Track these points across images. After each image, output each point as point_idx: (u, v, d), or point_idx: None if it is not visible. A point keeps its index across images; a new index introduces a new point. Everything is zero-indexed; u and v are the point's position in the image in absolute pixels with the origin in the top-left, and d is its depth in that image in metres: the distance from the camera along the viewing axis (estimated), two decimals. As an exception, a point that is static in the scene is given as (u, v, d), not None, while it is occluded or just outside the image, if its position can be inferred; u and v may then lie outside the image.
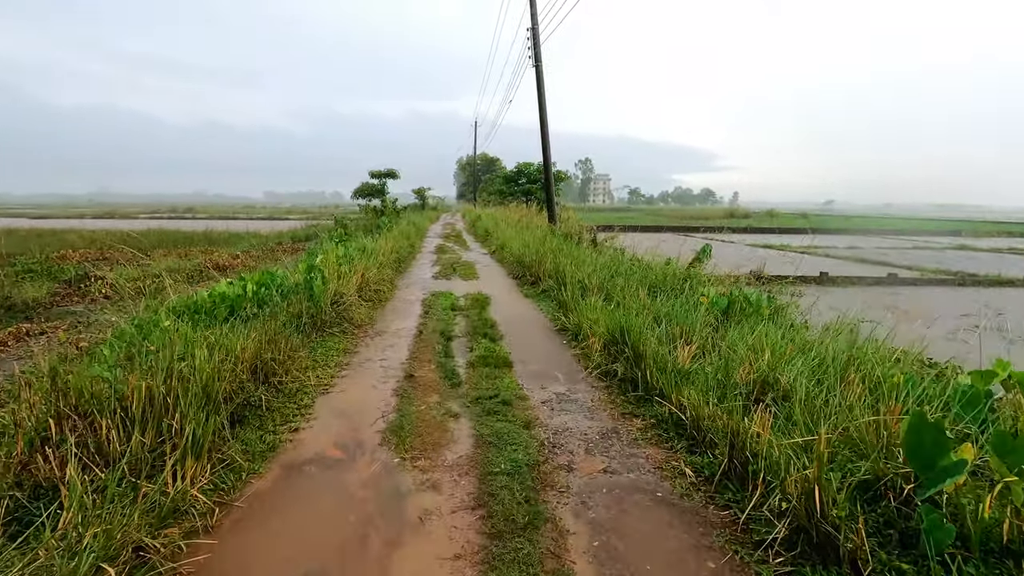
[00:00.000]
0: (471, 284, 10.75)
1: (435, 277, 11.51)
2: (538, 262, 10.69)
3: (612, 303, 7.90)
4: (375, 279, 8.99)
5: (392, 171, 29.01)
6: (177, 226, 34.59)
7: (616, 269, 9.98)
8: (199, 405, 3.37)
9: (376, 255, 10.34)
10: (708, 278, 10.11)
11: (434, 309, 8.20)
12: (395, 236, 15.30)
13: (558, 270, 9.60)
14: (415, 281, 11.00)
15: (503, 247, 14.81)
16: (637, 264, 11.16)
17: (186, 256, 21.09)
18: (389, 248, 11.80)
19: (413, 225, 20.02)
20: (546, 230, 15.64)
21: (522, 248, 12.73)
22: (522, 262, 11.63)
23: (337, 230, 16.47)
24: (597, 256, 11.21)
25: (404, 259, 13.53)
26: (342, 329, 6.66)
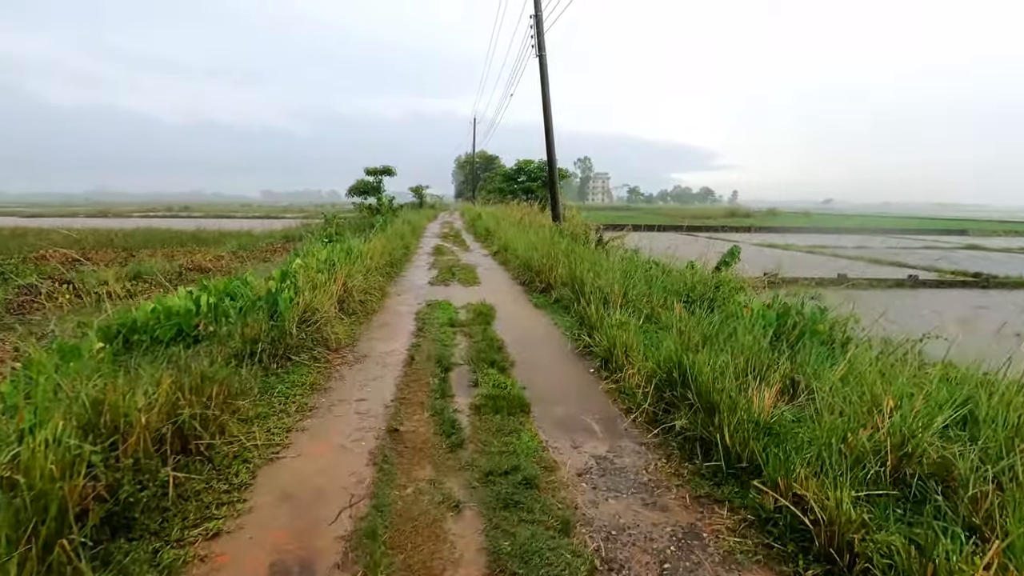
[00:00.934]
0: (472, 291, 9.35)
1: (432, 283, 10.09)
2: (548, 266, 9.28)
3: (640, 316, 6.52)
4: (361, 288, 7.56)
5: (388, 168, 27.51)
6: (169, 225, 33.17)
7: (634, 274, 8.62)
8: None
9: (364, 258, 8.91)
10: (741, 283, 8.75)
11: (429, 325, 6.78)
12: (389, 236, 13.88)
13: (573, 276, 8.20)
14: (409, 288, 9.58)
15: (506, 248, 13.40)
16: (656, 268, 9.81)
17: (172, 257, 19.82)
18: (380, 250, 10.36)
19: (409, 224, 18.56)
20: (552, 230, 14.23)
21: (528, 249, 11.34)
22: (529, 266, 10.22)
23: (326, 229, 15.04)
24: (609, 259, 9.84)
25: (398, 262, 12.11)
26: (313, 355, 5.22)
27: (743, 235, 35.41)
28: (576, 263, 8.75)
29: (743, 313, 6.42)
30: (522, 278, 10.25)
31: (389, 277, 10.25)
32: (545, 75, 17.93)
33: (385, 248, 11.25)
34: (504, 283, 10.35)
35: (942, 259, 22.61)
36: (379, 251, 10.32)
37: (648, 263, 10.23)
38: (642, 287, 7.74)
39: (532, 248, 11.42)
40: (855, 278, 15.43)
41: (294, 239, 20.59)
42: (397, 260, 12.06)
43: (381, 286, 8.90)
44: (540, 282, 9.30)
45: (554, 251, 9.93)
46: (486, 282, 10.33)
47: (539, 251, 10.54)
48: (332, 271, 7.22)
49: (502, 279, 10.78)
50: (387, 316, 7.34)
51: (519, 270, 10.83)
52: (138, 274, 15.11)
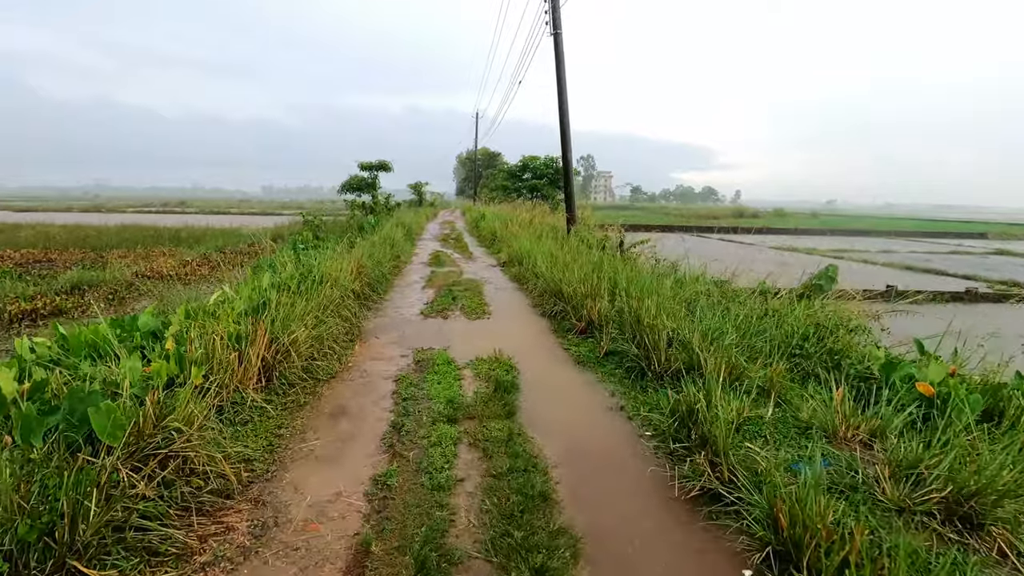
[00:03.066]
0: (481, 329, 6.44)
1: (425, 313, 7.15)
2: (589, 295, 6.36)
3: (752, 391, 3.73)
4: (307, 341, 4.64)
5: (384, 163, 24.52)
6: (156, 221, 30.31)
7: (697, 301, 5.81)
8: None
9: (327, 286, 5.98)
10: (857, 321, 5.93)
11: (413, 422, 3.80)
12: (376, 243, 10.98)
13: (634, 316, 5.32)
14: (392, 323, 6.67)
15: (520, 260, 10.47)
16: (715, 290, 6.98)
17: (146, 257, 17.22)
18: (358, 266, 7.42)
19: (402, 227, 15.54)
20: (576, 238, 11.36)
21: (551, 266, 8.45)
22: (558, 291, 7.28)
23: (304, 233, 12.12)
24: (657, 278, 6.97)
25: (384, 278, 9.18)
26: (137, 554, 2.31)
27: (756, 237, 32.60)
28: (631, 294, 5.86)
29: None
30: (547, 307, 7.31)
31: (368, 305, 7.34)
32: (561, 56, 15.01)
33: (368, 261, 8.31)
34: (522, 313, 7.42)
35: (979, 266, 20.10)
36: (357, 267, 7.38)
37: (703, 281, 7.39)
38: (731, 334, 4.89)
39: (555, 262, 8.52)
40: (906, 290, 12.63)
41: (283, 238, 17.80)
42: (383, 276, 9.13)
43: (351, 323, 5.98)
44: (576, 317, 6.38)
45: (596, 274, 7.04)
46: (498, 311, 7.41)
47: (568, 269, 7.65)
48: (262, 317, 4.31)
49: (519, 306, 7.84)
50: (344, 393, 4.37)
51: (542, 295, 7.89)
52: (78, 284, 12.25)
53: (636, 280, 6.60)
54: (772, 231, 36.55)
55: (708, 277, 7.80)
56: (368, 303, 7.43)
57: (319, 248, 11.35)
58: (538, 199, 28.85)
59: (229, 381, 3.60)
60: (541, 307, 7.52)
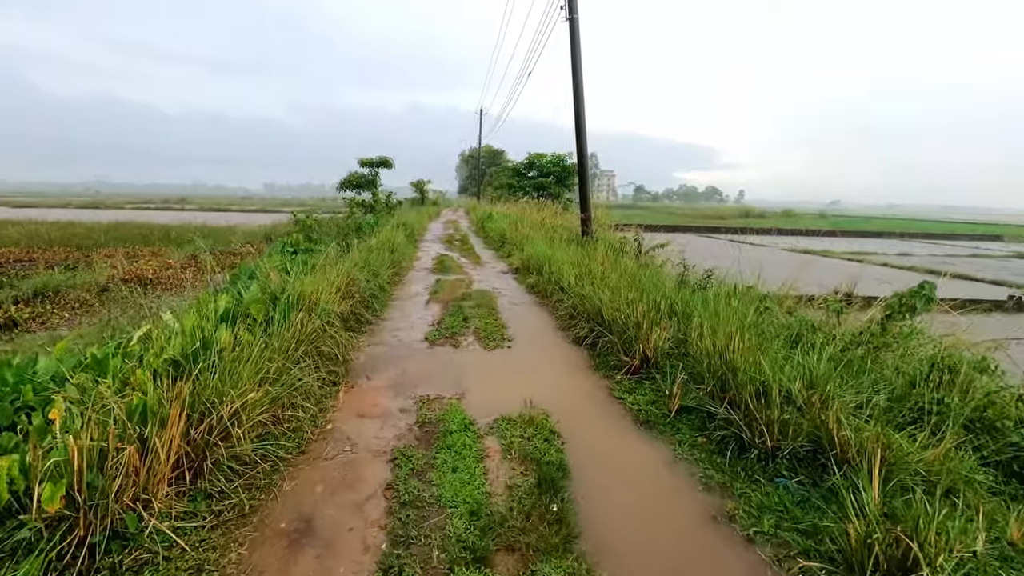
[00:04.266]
0: (502, 366, 4.96)
1: (430, 340, 5.65)
2: (646, 324, 4.84)
3: None
4: (264, 403, 3.16)
5: (385, 159, 22.97)
6: (151, 219, 28.90)
7: (763, 327, 4.37)
8: None
9: (302, 311, 4.48)
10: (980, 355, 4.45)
11: (416, 542, 2.32)
12: (374, 247, 9.50)
13: (709, 352, 3.86)
14: (390, 353, 5.20)
15: (538, 268, 8.97)
16: (771, 306, 5.56)
17: (134, 256, 16.01)
18: (342, 282, 5.91)
19: (403, 228, 13.99)
20: (601, 243, 9.89)
21: (577, 275, 7.00)
22: (594, 312, 5.76)
23: (293, 236, 10.64)
24: (706, 294, 5.50)
25: (381, 290, 7.69)
26: None
27: (766, 238, 31.19)
28: (696, 319, 4.39)
29: None
30: (580, 332, 5.80)
31: (361, 327, 5.86)
32: (577, 43, 13.53)
33: (360, 274, 6.83)
34: (549, 339, 5.93)
35: (1004, 270, 18.71)
36: (346, 282, 5.89)
37: (753, 296, 5.93)
38: (832, 382, 3.45)
39: (584, 273, 7.06)
40: (946, 299, 11.18)
41: (278, 237, 16.35)
42: (381, 288, 7.64)
43: (332, 366, 4.50)
44: (624, 350, 4.88)
45: (633, 286, 5.56)
46: (520, 336, 5.92)
47: (603, 283, 6.19)
48: (189, 376, 2.85)
49: (543, 328, 6.34)
50: (314, 488, 2.80)
51: (572, 316, 6.38)
52: (42, 290, 10.83)
53: (688, 300, 5.14)
54: (782, 232, 35.08)
55: (756, 290, 6.34)
56: (361, 325, 5.95)
57: (312, 251, 9.88)
58: (544, 198, 27.36)
59: (125, 487, 2.16)
60: (571, 331, 6.04)
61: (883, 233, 35.72)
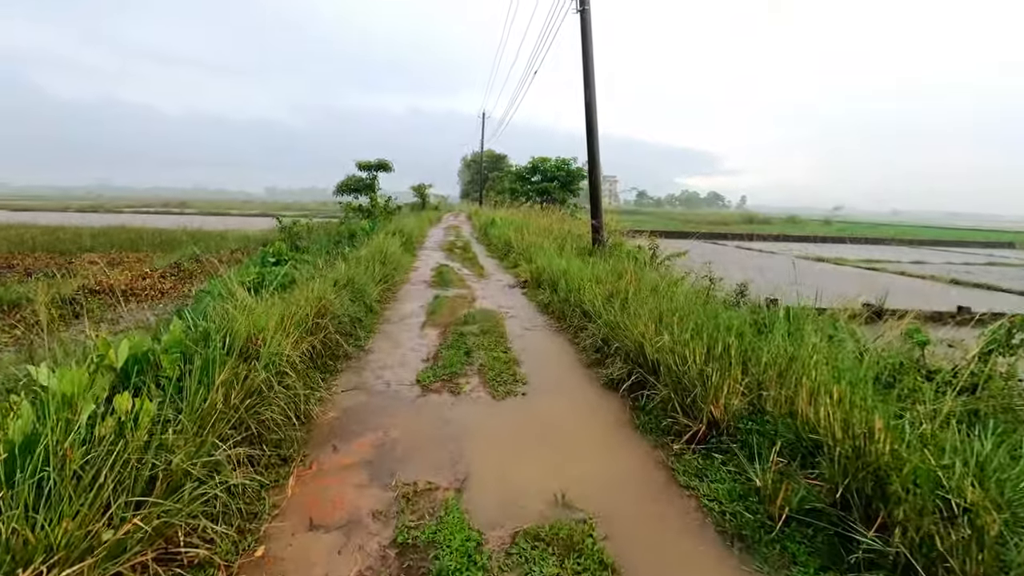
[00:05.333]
0: (518, 427, 3.65)
1: (423, 383, 4.33)
2: (715, 376, 3.53)
3: None
4: (131, 547, 1.90)
5: (384, 162, 21.71)
6: (146, 222, 27.72)
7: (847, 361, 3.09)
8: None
9: (235, 363, 3.20)
10: None
11: None
12: (364, 258, 8.22)
13: (817, 428, 2.59)
14: (370, 404, 3.91)
15: (552, 283, 7.65)
16: (845, 336, 4.30)
17: (119, 263, 14.88)
18: (309, 312, 4.60)
19: (400, 235, 12.62)
20: (620, 255, 8.62)
21: (602, 294, 5.73)
22: (634, 350, 4.42)
23: (276, 244, 9.36)
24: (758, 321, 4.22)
25: (368, 311, 6.39)
26: None
27: (775, 245, 29.94)
28: (775, 368, 3.12)
29: None
30: (614, 372, 4.49)
31: (336, 364, 4.57)
32: (588, 37, 12.30)
33: (336, 299, 5.53)
34: (576, 382, 4.60)
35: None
36: (316, 311, 4.61)
37: (809, 320, 4.67)
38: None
39: (612, 293, 5.79)
40: (980, 312, 9.89)
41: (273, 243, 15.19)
42: (368, 309, 6.34)
43: (278, 441, 3.22)
44: (683, 407, 3.58)
45: (676, 312, 4.27)
46: (537, 377, 4.61)
47: (638, 308, 4.91)
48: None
49: (565, 364, 5.03)
50: None
51: (601, 348, 5.06)
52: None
53: (750, 335, 3.84)
54: (789, 238, 33.83)
55: (811, 312, 5.06)
56: (337, 362, 4.65)
57: (297, 262, 8.61)
58: (549, 203, 26.11)
59: None
60: (601, 369, 4.73)
61: (892, 240, 34.45)
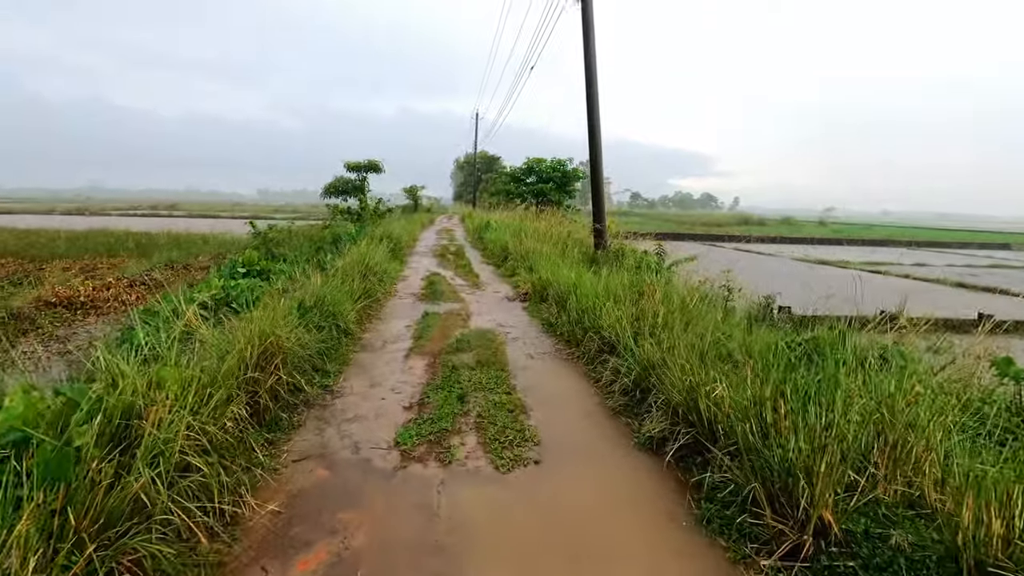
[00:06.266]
0: (527, 511, 2.61)
1: (402, 445, 3.25)
2: (822, 465, 2.51)
3: None
4: None
5: (374, 163, 20.54)
6: (129, 225, 26.38)
7: None
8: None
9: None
10: None
11: None
12: (341, 271, 7.12)
13: None
14: (321, 491, 2.84)
15: (560, 299, 6.57)
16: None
17: (91, 269, 12.94)
18: (249, 357, 3.50)
19: (387, 240, 11.45)
20: (634, 263, 7.58)
21: (627, 317, 4.69)
22: (684, 402, 3.37)
23: (247, 252, 8.24)
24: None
25: (345, 335, 5.31)
26: None
27: (772, 247, 29.13)
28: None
29: None
30: (652, 428, 3.45)
31: (286, 423, 3.48)
32: (590, 27, 11.32)
33: (291, 334, 4.44)
34: (603, 441, 3.50)
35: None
36: (258, 351, 3.53)
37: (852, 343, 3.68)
38: None
39: (626, 311, 4.76)
40: (1003, 320, 8.97)
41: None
42: (343, 332, 5.27)
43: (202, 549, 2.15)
44: (770, 501, 2.54)
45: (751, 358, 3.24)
46: (552, 432, 3.54)
47: (663, 326, 3.89)
48: None
49: (584, 411, 3.95)
50: None
51: (632, 391, 4.00)
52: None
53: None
54: (786, 240, 33.04)
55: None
56: (292, 414, 3.57)
57: (270, 273, 7.51)
58: (544, 205, 25.07)
59: None
60: (633, 419, 3.68)
61: (889, 241, 33.73)
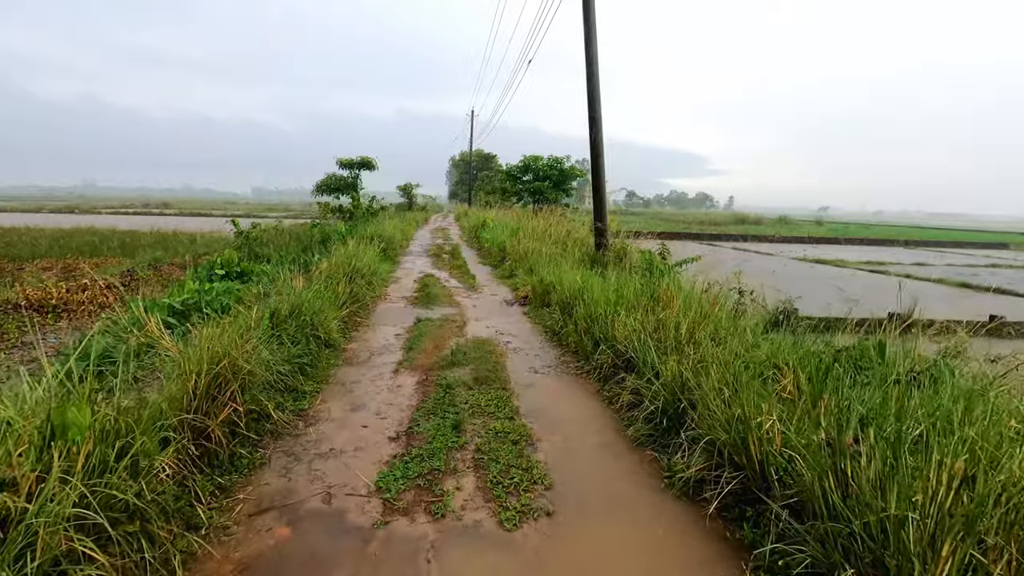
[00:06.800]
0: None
1: (384, 491, 2.67)
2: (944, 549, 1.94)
3: None
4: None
5: (368, 159, 19.88)
6: (115, 224, 25.63)
7: None
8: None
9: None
10: None
11: None
12: (329, 271, 6.51)
13: None
14: (280, 556, 2.29)
15: (565, 305, 5.99)
16: None
17: (72, 269, 12.33)
18: (193, 379, 2.92)
19: (379, 240, 10.81)
20: (646, 266, 7.02)
21: (637, 326, 4.14)
22: (733, 444, 2.78)
23: (226, 253, 7.62)
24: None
25: (325, 348, 4.71)
26: None
27: (771, 246, 28.65)
28: None
29: None
30: (689, 467, 2.87)
31: (244, 461, 2.89)
32: (590, 10, 10.72)
33: (251, 359, 3.85)
34: (633, 491, 2.86)
35: None
36: (204, 381, 2.96)
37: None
38: None
39: (642, 320, 4.20)
40: (1016, 322, 8.49)
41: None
42: (319, 348, 4.67)
43: None
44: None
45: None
46: (565, 470, 2.95)
47: (687, 340, 3.33)
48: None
49: (606, 447, 3.35)
50: None
51: (657, 418, 3.43)
52: None
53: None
54: (784, 240, 32.59)
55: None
56: (252, 452, 2.98)
57: (250, 276, 6.90)
58: (541, 203, 24.51)
59: None
60: (659, 449, 3.12)
61: (886, 241, 33.36)
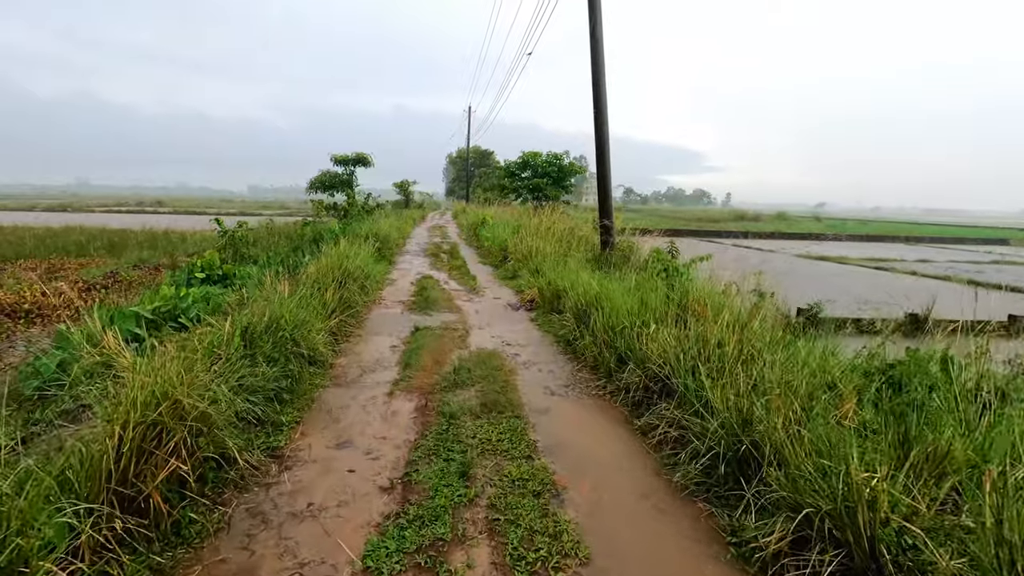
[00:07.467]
0: None
1: (378, 574, 2.14)
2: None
3: None
4: None
5: (363, 156, 19.21)
6: (106, 222, 24.84)
7: None
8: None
9: None
10: None
11: None
12: (311, 277, 5.88)
13: None
14: None
15: (580, 312, 5.35)
16: None
17: (56, 269, 11.96)
18: (122, 429, 2.28)
19: (373, 239, 10.11)
20: (663, 266, 6.40)
21: (669, 342, 3.54)
22: (836, 514, 2.18)
23: (208, 254, 6.97)
24: None
25: (300, 374, 4.08)
26: None
27: (772, 243, 28.11)
28: None
29: None
30: (768, 536, 2.26)
31: (200, 527, 2.28)
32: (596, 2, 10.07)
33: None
34: (690, 564, 2.32)
35: None
36: (137, 435, 2.32)
37: None
38: None
39: (671, 329, 3.60)
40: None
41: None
42: (300, 366, 4.04)
43: None
44: None
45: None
46: (609, 549, 2.37)
47: (733, 362, 2.73)
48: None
49: (647, 497, 2.72)
50: None
51: (713, 469, 2.80)
52: None
53: None
54: (785, 236, 32.07)
55: None
56: (208, 514, 2.35)
57: (232, 279, 6.24)
58: (540, 200, 23.86)
59: None
60: (715, 503, 2.51)
61: (887, 237, 32.88)
